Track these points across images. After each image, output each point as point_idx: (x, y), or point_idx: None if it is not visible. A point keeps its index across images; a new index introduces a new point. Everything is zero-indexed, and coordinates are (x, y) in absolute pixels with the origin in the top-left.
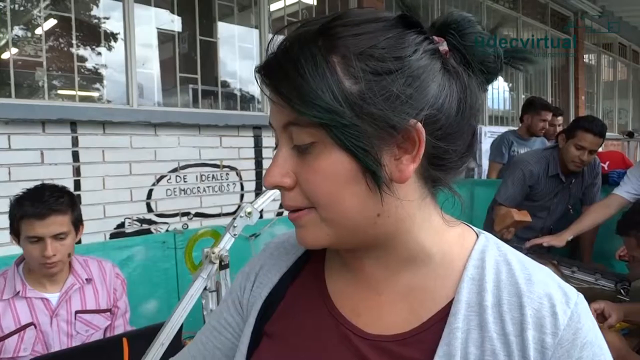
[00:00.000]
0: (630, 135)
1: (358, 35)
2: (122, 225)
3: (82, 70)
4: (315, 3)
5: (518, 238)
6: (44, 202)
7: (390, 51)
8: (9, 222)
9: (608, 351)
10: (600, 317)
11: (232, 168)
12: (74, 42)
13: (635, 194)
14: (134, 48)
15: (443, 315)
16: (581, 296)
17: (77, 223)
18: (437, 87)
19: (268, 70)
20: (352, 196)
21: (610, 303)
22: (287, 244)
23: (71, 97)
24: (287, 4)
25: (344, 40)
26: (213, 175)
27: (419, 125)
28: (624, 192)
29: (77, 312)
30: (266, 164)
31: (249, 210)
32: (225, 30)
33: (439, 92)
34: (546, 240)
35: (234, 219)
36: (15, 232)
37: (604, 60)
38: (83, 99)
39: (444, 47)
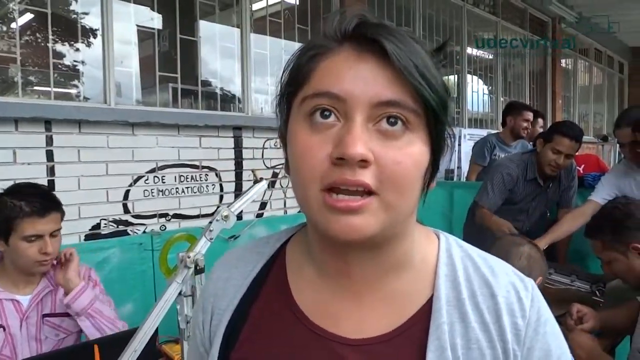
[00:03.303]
0: (605, 139)
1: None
2: (97, 226)
3: (59, 67)
4: (298, 3)
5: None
6: (42, 200)
7: None
8: None
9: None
10: (579, 322)
11: (212, 169)
12: (50, 37)
13: (610, 200)
14: (112, 46)
15: (424, 313)
16: (532, 280)
17: (62, 218)
18: None
19: (395, 39)
20: (418, 188)
21: (592, 311)
22: (239, 262)
23: (46, 94)
24: (269, 3)
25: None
26: (192, 176)
27: None
28: (600, 198)
29: (44, 315)
30: (246, 164)
31: (225, 213)
32: (206, 29)
33: None
34: None
35: (210, 222)
36: (5, 232)
37: (580, 65)
38: (59, 96)
39: None
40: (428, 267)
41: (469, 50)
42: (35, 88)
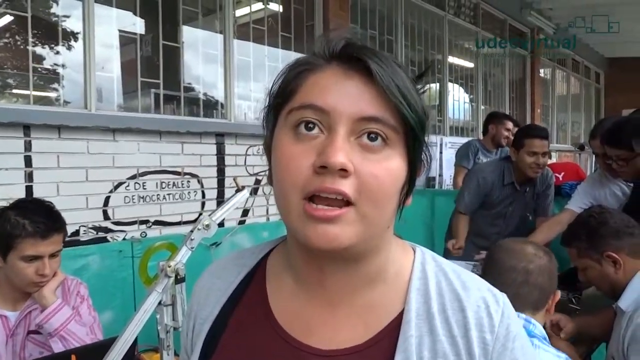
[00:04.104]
0: (582, 148)
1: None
2: (76, 233)
3: (39, 71)
4: (281, 10)
5: (474, 245)
6: (47, 220)
7: None
8: None
9: (529, 341)
10: (555, 328)
11: (194, 175)
12: (29, 40)
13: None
14: (94, 51)
15: (395, 326)
16: (505, 295)
17: (65, 238)
18: None
19: (379, 60)
20: (394, 202)
21: (566, 316)
22: (223, 272)
23: (25, 98)
24: (252, 10)
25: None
26: (174, 183)
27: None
28: (576, 207)
29: (29, 332)
30: (229, 171)
31: (206, 222)
32: (189, 34)
33: None
34: None
35: (192, 231)
36: (4, 249)
37: (558, 74)
38: (38, 99)
39: None
40: (402, 281)
41: (450, 59)
42: (14, 92)
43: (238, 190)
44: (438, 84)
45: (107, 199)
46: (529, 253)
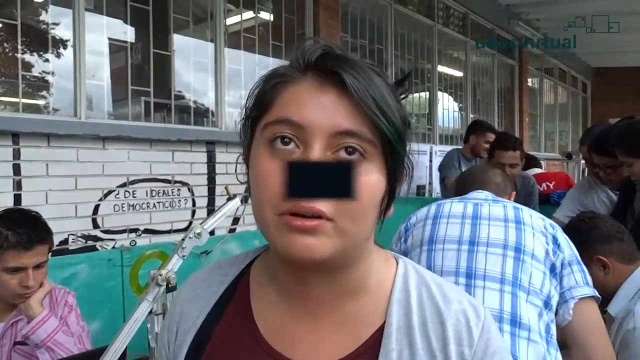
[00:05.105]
0: (569, 156)
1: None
2: (65, 242)
3: (28, 78)
4: (272, 19)
5: None
6: (31, 231)
7: None
8: None
9: (510, 356)
10: None
11: (184, 183)
12: (19, 48)
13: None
14: (84, 58)
15: (376, 339)
16: (487, 309)
17: (51, 249)
18: None
19: (355, 72)
20: (373, 216)
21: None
22: (204, 282)
23: (14, 105)
24: (243, 18)
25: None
26: (164, 191)
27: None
28: (562, 215)
29: (15, 343)
30: (219, 179)
31: (198, 231)
32: (180, 42)
33: None
34: None
35: (183, 240)
36: None
37: (546, 84)
38: (27, 107)
39: None
40: (384, 292)
41: (440, 68)
42: (2, 99)
43: (229, 199)
44: (428, 93)
45: (96, 208)
46: (486, 168)
